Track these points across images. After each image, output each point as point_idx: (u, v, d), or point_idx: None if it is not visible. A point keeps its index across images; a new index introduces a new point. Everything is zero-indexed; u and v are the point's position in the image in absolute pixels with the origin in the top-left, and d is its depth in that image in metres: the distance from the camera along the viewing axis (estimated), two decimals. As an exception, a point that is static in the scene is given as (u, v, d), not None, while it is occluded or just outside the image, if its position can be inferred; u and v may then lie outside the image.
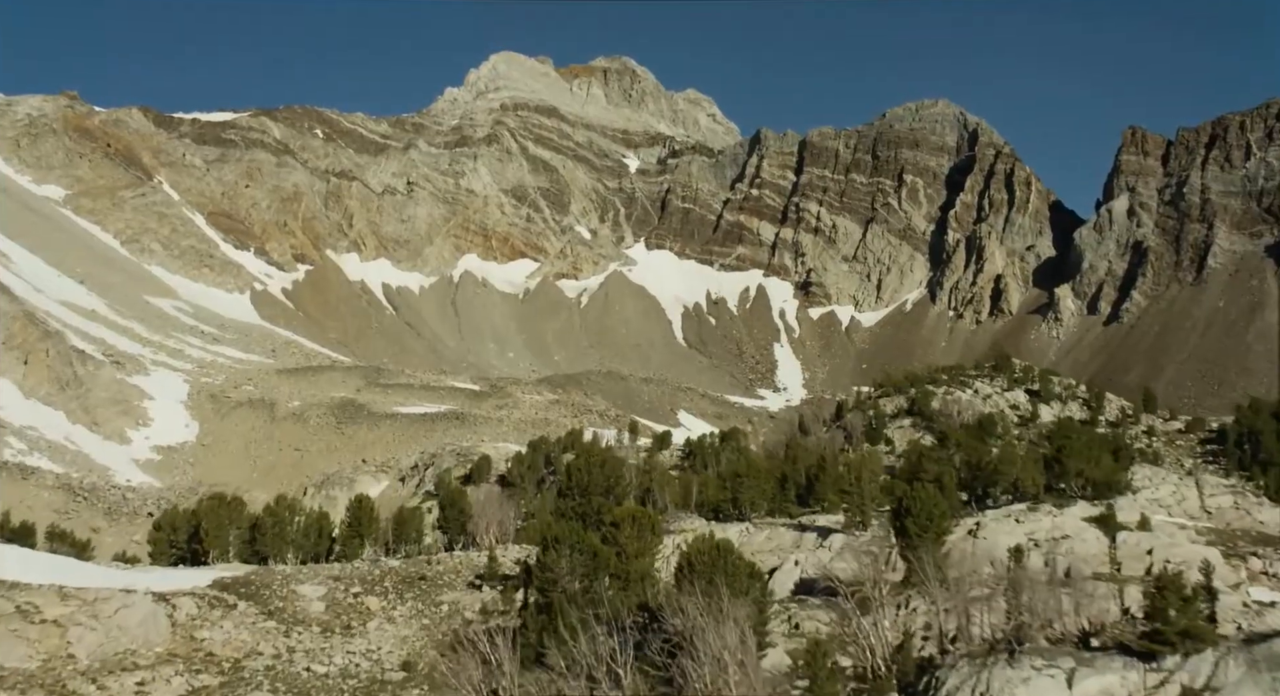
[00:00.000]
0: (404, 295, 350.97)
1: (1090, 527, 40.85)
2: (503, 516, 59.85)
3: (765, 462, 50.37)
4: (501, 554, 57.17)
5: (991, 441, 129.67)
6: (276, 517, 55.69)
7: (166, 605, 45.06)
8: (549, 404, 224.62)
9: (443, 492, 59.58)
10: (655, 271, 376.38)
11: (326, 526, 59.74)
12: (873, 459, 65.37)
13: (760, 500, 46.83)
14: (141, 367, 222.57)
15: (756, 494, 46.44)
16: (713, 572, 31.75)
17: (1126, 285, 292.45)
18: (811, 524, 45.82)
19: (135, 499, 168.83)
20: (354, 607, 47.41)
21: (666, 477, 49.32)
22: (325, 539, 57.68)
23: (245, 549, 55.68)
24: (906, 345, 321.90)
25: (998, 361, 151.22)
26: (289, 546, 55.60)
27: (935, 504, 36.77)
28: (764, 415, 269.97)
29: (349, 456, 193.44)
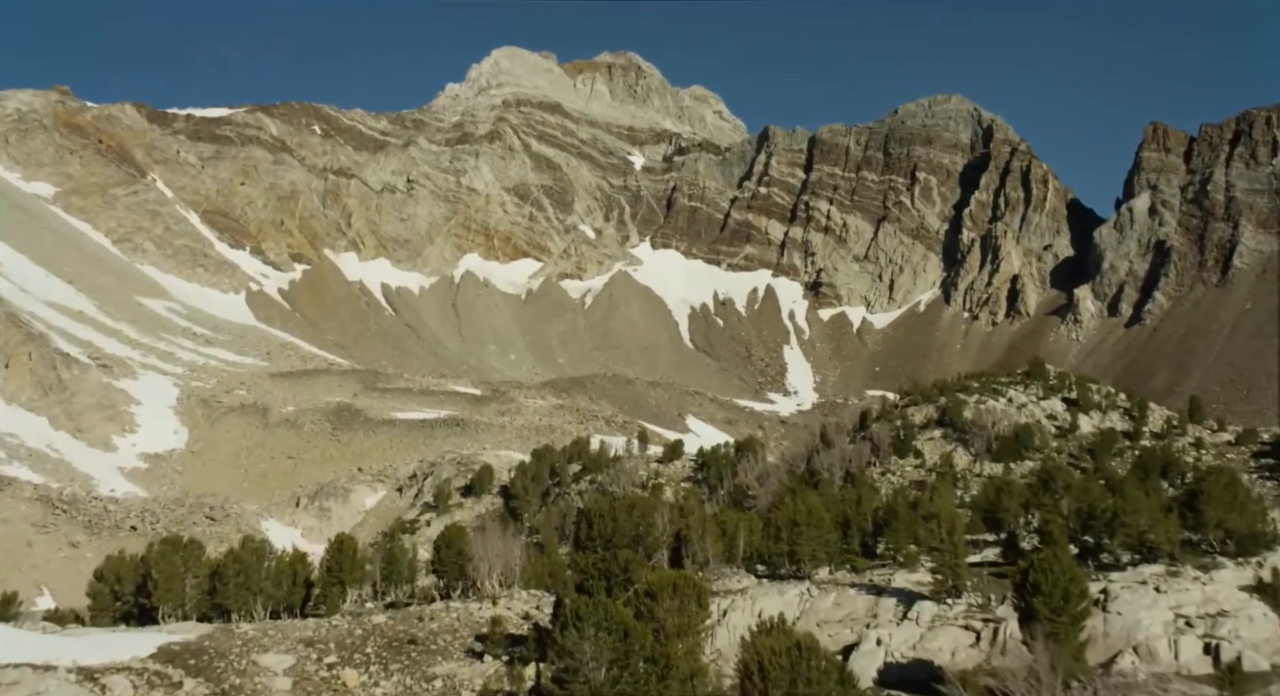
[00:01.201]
0: (404, 296, 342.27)
1: (1253, 600, 32.23)
2: (507, 555, 50.96)
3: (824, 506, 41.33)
4: (506, 604, 48.18)
5: (1029, 455, 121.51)
6: (241, 564, 46.87)
7: (93, 687, 36.07)
8: (553, 409, 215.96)
9: (439, 535, 49.96)
10: (661, 271, 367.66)
11: (303, 570, 50.95)
12: (945, 496, 56.48)
13: (822, 553, 38.04)
14: (129, 371, 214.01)
15: (817, 546, 37.72)
16: (793, 684, 23.14)
17: (1149, 286, 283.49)
18: (887, 585, 37.18)
19: (118, 511, 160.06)
20: (327, 683, 38.57)
21: (705, 522, 40.53)
22: (300, 586, 48.83)
23: (204, 601, 46.87)
24: (920, 347, 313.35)
25: (1030, 367, 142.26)
26: (257, 597, 46.75)
27: (1072, 578, 28.14)
28: (775, 420, 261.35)
29: (344, 465, 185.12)
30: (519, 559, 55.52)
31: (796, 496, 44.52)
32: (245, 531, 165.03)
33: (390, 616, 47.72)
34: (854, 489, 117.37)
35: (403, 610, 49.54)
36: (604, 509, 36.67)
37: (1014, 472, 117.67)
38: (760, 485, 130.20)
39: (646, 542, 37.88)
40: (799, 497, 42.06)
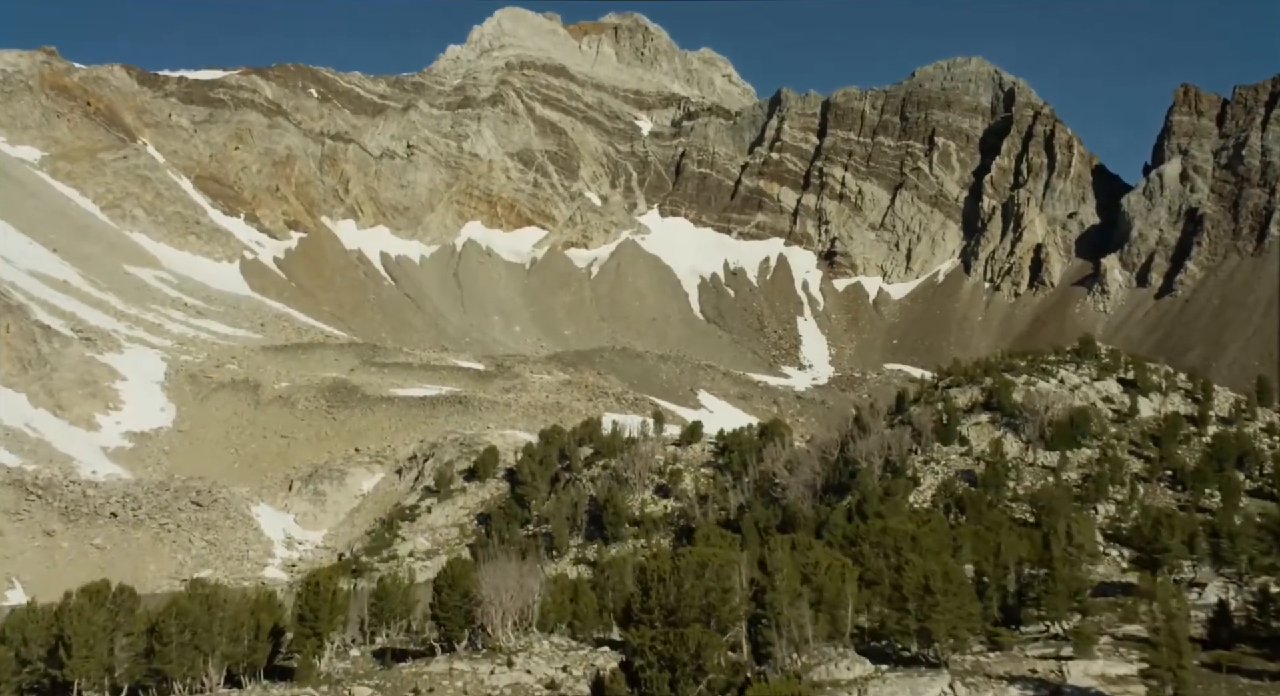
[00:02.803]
0: (403, 265, 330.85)
1: None
2: (524, 596, 40.10)
3: (957, 565, 30.40)
4: (525, 665, 37.48)
5: (1086, 442, 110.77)
6: (187, 616, 36.11)
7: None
8: (560, 385, 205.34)
9: (440, 573, 38.81)
10: (670, 240, 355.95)
11: (269, 618, 40.20)
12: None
13: (964, 629, 27.27)
14: (114, 344, 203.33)
15: (957, 619, 27.02)
16: None
17: (1180, 255, 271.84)
18: (1062, 681, 26.57)
19: (97, 496, 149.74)
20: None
21: (792, 589, 29.71)
22: (265, 641, 37.99)
23: (139, 666, 36.03)
24: (940, 319, 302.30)
25: (1080, 344, 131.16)
26: (209, 657, 35.94)
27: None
28: (790, 395, 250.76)
29: (340, 445, 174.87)
30: (538, 596, 44.65)
31: (919, 547, 33.73)
32: (234, 517, 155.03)
33: (378, 684, 36.91)
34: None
35: (394, 672, 38.81)
36: (665, 570, 25.70)
37: (1070, 462, 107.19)
38: (790, 473, 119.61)
39: (720, 614, 26.91)
40: (930, 557, 31.36)
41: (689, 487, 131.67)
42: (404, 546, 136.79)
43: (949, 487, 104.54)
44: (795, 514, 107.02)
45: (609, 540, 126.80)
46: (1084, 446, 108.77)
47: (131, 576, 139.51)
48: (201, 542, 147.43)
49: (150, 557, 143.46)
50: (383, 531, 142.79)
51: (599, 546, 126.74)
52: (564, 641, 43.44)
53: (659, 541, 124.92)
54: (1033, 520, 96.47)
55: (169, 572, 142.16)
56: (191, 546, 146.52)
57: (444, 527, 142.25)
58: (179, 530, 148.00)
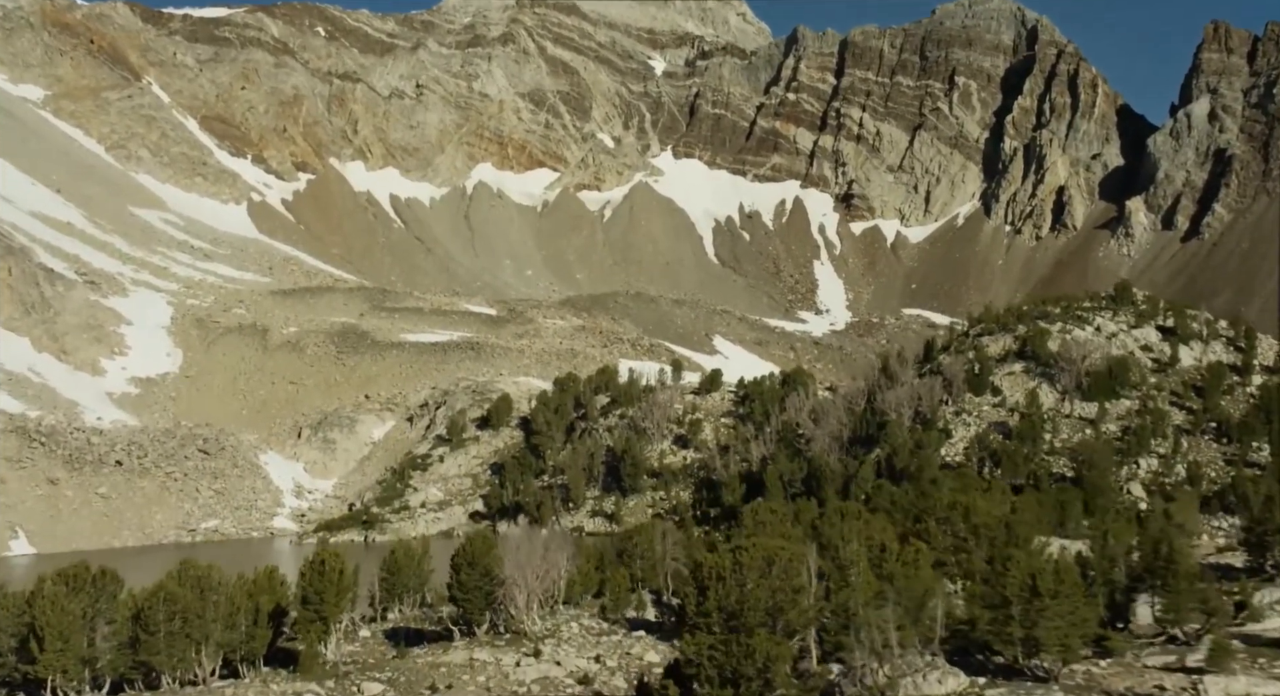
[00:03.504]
0: (413, 208, 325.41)
1: None
2: (549, 573, 36.06)
3: (1068, 561, 26.00)
4: (553, 654, 33.65)
5: (1125, 393, 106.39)
6: (176, 603, 32.08)
7: None
8: (574, 331, 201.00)
9: (458, 550, 34.30)
10: (683, 183, 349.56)
11: (269, 600, 36.16)
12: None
13: (1075, 636, 23.06)
14: (119, 288, 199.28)
15: (1068, 625, 22.82)
16: None
17: (1207, 197, 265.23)
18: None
19: (102, 444, 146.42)
20: None
21: (870, 585, 25.49)
22: (265, 627, 33.95)
23: (123, 658, 32.02)
24: (959, 263, 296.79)
25: (1116, 290, 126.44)
26: (201, 647, 31.91)
27: None
28: (807, 341, 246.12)
29: (350, 392, 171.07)
30: (564, 572, 40.54)
31: (1012, 532, 29.30)
32: (241, 466, 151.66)
33: (390, 677, 32.92)
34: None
35: (407, 662, 34.77)
36: (724, 567, 21.36)
37: (1109, 413, 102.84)
38: (814, 424, 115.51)
39: (789, 617, 22.66)
40: (1017, 540, 27.01)
41: (709, 438, 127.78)
42: (415, 497, 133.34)
43: (983, 440, 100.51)
44: (821, 467, 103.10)
45: (627, 492, 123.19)
46: (1123, 397, 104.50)
47: (138, 526, 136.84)
48: (209, 492, 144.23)
49: (157, 507, 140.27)
50: (394, 481, 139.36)
51: (616, 498, 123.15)
52: (594, 623, 39.44)
53: (678, 493, 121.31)
54: (1072, 475, 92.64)
55: (176, 522, 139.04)
56: (199, 495, 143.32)
57: (456, 478, 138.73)
58: (186, 479, 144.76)
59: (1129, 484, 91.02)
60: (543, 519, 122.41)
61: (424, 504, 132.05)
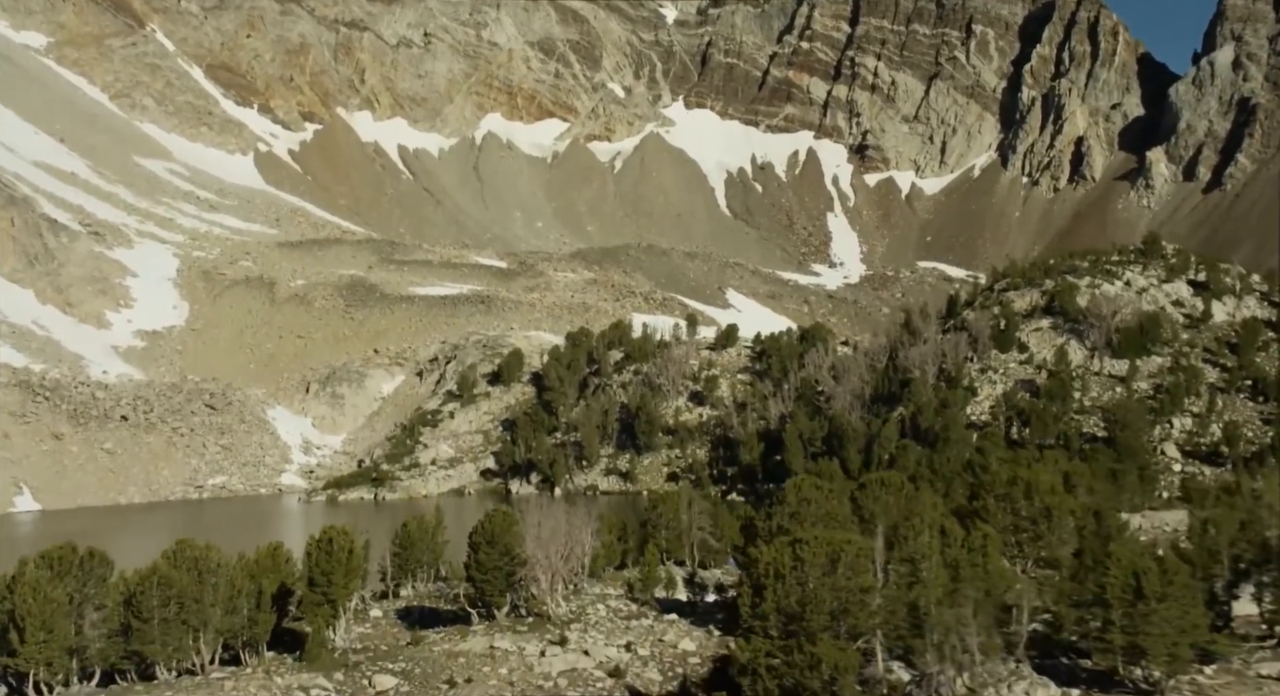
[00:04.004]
0: (421, 159, 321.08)
1: None
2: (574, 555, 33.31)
3: (1173, 559, 23.12)
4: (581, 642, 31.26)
5: (1156, 350, 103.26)
6: (171, 587, 29.41)
7: None
8: (585, 284, 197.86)
9: (477, 527, 31.22)
10: (695, 133, 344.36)
11: (274, 579, 33.55)
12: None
13: (1184, 644, 20.22)
14: (124, 239, 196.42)
15: (1176, 632, 19.98)
16: None
17: (1230, 148, 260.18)
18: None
19: (107, 399, 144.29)
20: None
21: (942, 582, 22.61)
22: (268, 611, 31.23)
23: (113, 647, 29.34)
24: (975, 216, 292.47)
25: (1146, 243, 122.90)
26: (200, 634, 29.22)
27: None
28: (821, 294, 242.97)
29: (359, 346, 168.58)
30: (589, 548, 37.80)
31: (1102, 522, 26.25)
32: (249, 421, 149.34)
33: (404, 669, 30.31)
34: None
35: (422, 649, 32.14)
36: (784, 562, 18.38)
37: (1140, 371, 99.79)
38: (835, 381, 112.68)
39: (855, 620, 19.78)
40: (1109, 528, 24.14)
41: (725, 395, 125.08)
42: (426, 454, 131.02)
43: (1010, 399, 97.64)
44: (842, 426, 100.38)
45: (641, 450, 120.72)
46: (1154, 354, 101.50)
47: (144, 482, 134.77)
48: (216, 447, 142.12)
49: (163, 463, 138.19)
50: (403, 437, 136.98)
51: (631, 456, 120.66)
52: (622, 604, 36.71)
53: (694, 452, 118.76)
54: (1104, 435, 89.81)
55: (183, 479, 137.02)
56: (205, 451, 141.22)
57: (467, 434, 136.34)
58: (192, 434, 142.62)
59: (1162, 444, 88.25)
60: (556, 477, 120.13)
61: (434, 461, 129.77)
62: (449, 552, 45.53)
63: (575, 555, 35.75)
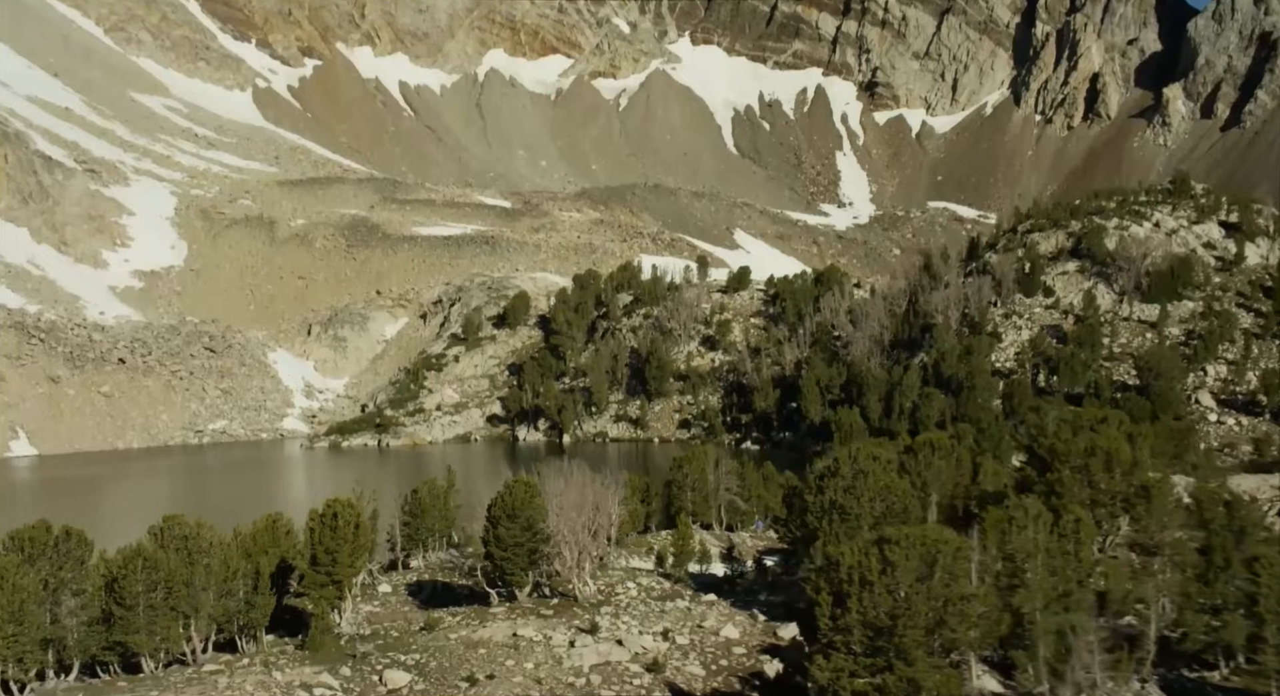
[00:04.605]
0: (423, 96, 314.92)
1: None
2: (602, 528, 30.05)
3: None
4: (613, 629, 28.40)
5: (1188, 294, 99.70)
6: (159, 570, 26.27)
7: None
8: (591, 224, 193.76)
9: (495, 500, 27.73)
10: (702, 70, 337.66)
11: (274, 555, 30.46)
12: None
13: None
14: (121, 177, 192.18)
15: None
16: None
17: (1250, 84, 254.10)
18: None
19: (104, 341, 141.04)
20: None
21: (1049, 588, 19.44)
22: (267, 593, 28.01)
23: (94, 637, 26.24)
24: (987, 155, 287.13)
25: (1174, 183, 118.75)
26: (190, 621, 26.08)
27: None
28: (830, 234, 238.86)
29: (361, 287, 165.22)
30: (616, 517, 34.62)
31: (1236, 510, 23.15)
32: (249, 364, 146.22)
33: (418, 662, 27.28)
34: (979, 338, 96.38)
35: (437, 636, 29.07)
36: (871, 567, 14.98)
37: (1171, 316, 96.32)
38: (853, 326, 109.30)
39: (954, 634, 16.53)
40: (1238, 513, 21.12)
41: (738, 339, 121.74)
42: (430, 399, 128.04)
43: (1036, 345, 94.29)
44: (861, 373, 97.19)
45: (652, 396, 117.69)
46: (1186, 299, 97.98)
47: (143, 427, 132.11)
48: (216, 391, 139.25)
49: (162, 407, 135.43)
50: (407, 381, 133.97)
51: (641, 402, 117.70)
52: (654, 582, 33.56)
53: (707, 398, 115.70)
54: (1136, 383, 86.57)
55: (182, 423, 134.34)
56: (205, 395, 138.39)
57: (473, 379, 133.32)
58: (192, 377, 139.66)
59: (1196, 393, 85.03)
60: (564, 424, 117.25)
61: (439, 406, 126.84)
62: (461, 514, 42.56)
63: (602, 527, 32.48)
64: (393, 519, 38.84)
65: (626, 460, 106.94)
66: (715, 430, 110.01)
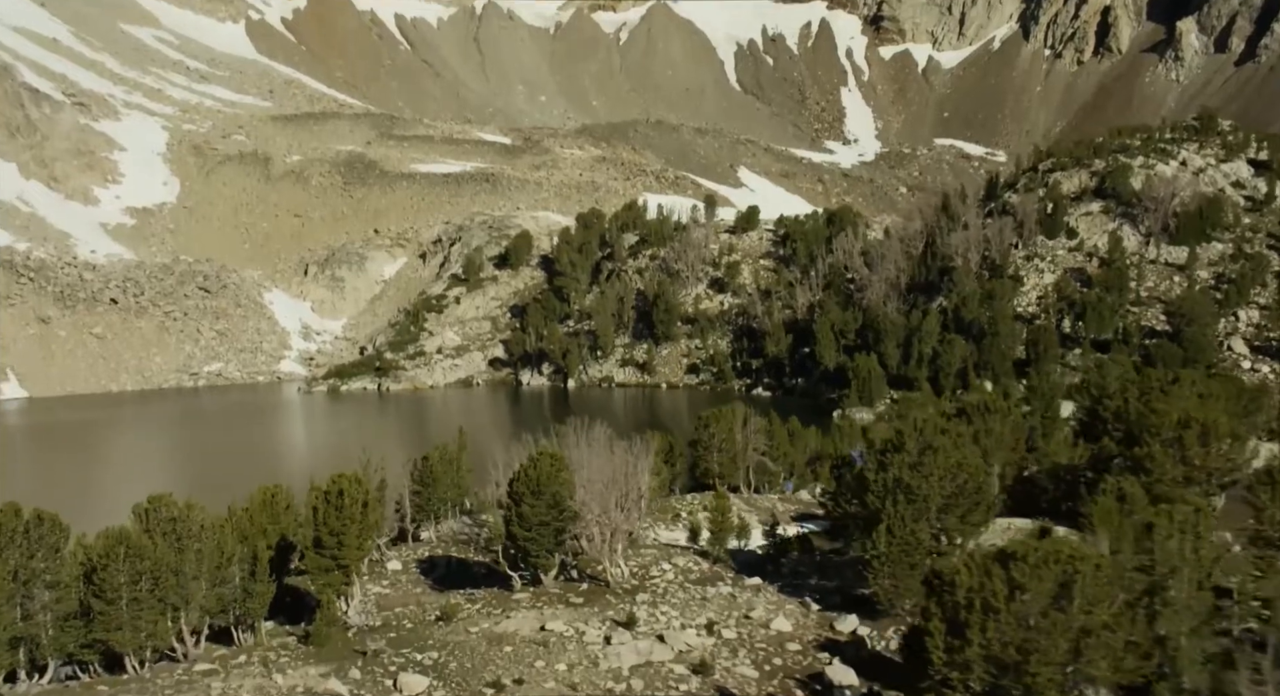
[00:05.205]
0: (420, 29, 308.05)
1: None
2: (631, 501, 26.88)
3: None
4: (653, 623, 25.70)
5: (1217, 235, 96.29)
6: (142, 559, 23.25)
7: None
8: (594, 161, 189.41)
9: (517, 475, 24.44)
10: (703, 4, 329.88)
11: (274, 532, 27.41)
12: None
13: None
14: (111, 111, 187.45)
15: None
16: None
17: (1265, 18, 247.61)
18: None
19: (95, 280, 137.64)
20: None
21: (1199, 607, 16.54)
22: (265, 580, 25.17)
23: (70, 634, 23.36)
24: (995, 90, 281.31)
25: (1201, 119, 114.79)
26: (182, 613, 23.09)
27: None
28: (835, 172, 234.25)
29: (358, 226, 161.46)
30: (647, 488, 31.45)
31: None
32: (245, 305, 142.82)
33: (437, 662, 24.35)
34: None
35: (455, 632, 26.18)
36: (996, 591, 11.74)
37: (1200, 259, 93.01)
38: (868, 269, 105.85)
39: (1094, 667, 13.37)
40: None
41: (748, 282, 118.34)
42: (431, 342, 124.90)
43: (1060, 289, 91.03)
44: (878, 317, 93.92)
45: (659, 340, 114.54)
46: (1215, 240, 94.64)
47: (136, 369, 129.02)
48: (211, 333, 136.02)
49: (156, 349, 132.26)
50: (407, 323, 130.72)
51: (648, 346, 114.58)
52: (693, 562, 30.54)
53: (716, 342, 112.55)
54: (1166, 329, 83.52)
55: (177, 365, 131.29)
56: (200, 337, 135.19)
57: (474, 320, 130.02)
58: (186, 318, 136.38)
59: (1229, 339, 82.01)
60: (569, 368, 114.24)
61: (440, 349, 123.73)
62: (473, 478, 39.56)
63: (633, 501, 29.34)
64: (401, 485, 35.71)
65: (633, 406, 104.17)
66: (725, 376, 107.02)
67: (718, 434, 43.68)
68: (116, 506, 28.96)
